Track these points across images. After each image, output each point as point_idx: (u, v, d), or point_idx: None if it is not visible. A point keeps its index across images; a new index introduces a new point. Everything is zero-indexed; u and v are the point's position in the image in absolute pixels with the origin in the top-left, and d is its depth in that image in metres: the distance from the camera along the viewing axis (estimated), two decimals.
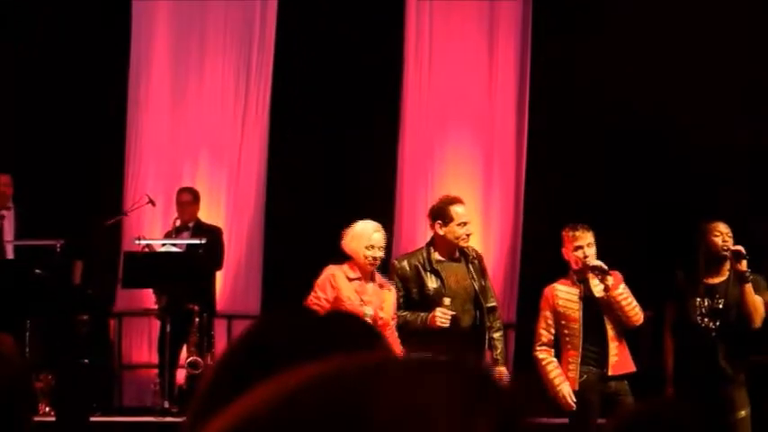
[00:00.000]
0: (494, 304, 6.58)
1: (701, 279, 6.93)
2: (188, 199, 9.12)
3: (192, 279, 8.54)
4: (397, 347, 6.34)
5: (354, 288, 6.29)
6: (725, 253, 6.82)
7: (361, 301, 6.23)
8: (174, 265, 8.45)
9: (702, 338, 6.83)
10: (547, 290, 6.78)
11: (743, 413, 6.78)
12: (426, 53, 10.27)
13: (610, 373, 6.62)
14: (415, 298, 6.42)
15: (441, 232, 6.47)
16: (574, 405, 6.47)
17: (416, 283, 6.42)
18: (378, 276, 6.44)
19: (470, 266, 6.53)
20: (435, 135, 10.19)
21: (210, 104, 10.17)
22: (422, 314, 6.30)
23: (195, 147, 10.10)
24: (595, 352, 6.64)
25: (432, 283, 6.40)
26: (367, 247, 6.28)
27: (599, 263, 6.64)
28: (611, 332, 6.66)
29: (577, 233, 6.68)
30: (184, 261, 8.54)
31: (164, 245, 8.78)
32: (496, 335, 6.53)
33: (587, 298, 6.67)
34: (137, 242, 8.70)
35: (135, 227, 9.45)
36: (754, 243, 7.04)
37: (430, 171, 10.15)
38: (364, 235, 6.32)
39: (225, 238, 9.41)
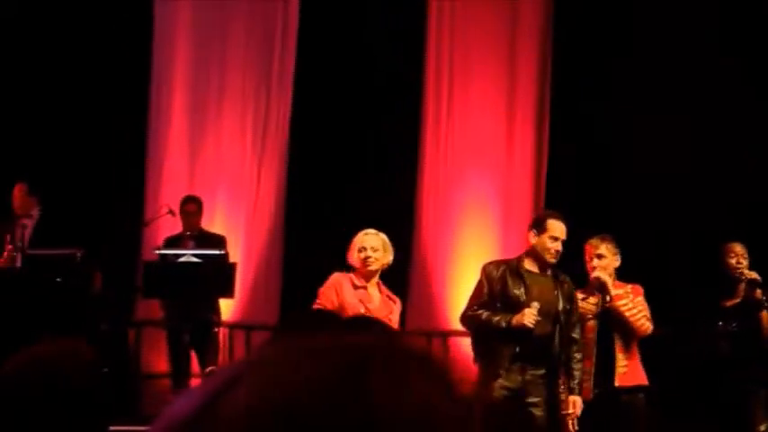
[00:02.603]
0: (576, 336, 6.59)
1: (720, 302, 6.94)
2: (194, 209, 9.15)
3: (212, 289, 8.58)
4: None
5: (360, 296, 6.33)
6: (738, 274, 6.81)
7: (366, 309, 6.26)
8: (195, 276, 8.47)
9: (720, 359, 6.84)
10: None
11: (762, 428, 6.78)
12: (446, 102, 10.37)
13: (617, 384, 6.64)
14: (496, 299, 6.48)
15: (532, 241, 6.57)
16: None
17: (500, 284, 6.49)
18: (384, 288, 6.49)
19: (558, 287, 6.56)
20: (455, 182, 10.25)
21: (231, 124, 10.29)
22: (506, 314, 6.36)
23: (214, 175, 10.21)
24: (605, 363, 6.67)
25: (515, 287, 6.46)
26: (359, 250, 6.38)
27: (600, 275, 6.67)
28: (618, 343, 6.69)
29: (592, 242, 6.77)
30: (205, 271, 8.56)
31: (183, 255, 8.80)
32: (576, 365, 6.55)
33: (604, 308, 6.71)
34: (157, 252, 8.73)
35: (155, 237, 9.49)
36: None
37: (449, 217, 10.19)
38: (356, 239, 6.46)
39: (243, 249, 9.44)
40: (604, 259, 6.73)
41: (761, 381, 6.89)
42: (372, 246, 6.40)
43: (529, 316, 6.30)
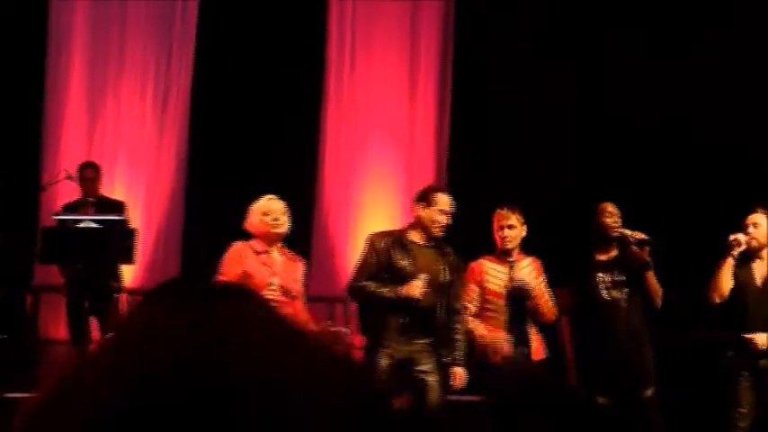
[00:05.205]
0: (460, 306, 6.66)
1: (594, 256, 7.07)
2: (92, 175, 9.08)
3: (112, 255, 8.50)
4: (305, 315, 6.42)
5: (263, 261, 6.34)
6: (614, 233, 6.97)
7: (272, 272, 6.28)
8: (95, 241, 8.39)
9: (612, 309, 6.96)
10: (474, 264, 6.88)
11: (649, 392, 6.94)
12: (347, 71, 10.39)
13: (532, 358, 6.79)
14: (383, 270, 6.51)
15: (420, 213, 6.60)
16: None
17: (386, 256, 6.52)
18: (287, 251, 6.51)
19: (443, 258, 6.61)
20: (357, 151, 10.30)
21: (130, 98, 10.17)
22: (394, 286, 6.39)
23: (114, 141, 10.10)
24: (519, 332, 6.76)
25: (401, 259, 6.49)
26: (264, 213, 6.38)
27: (528, 283, 6.79)
28: (529, 319, 6.82)
29: (502, 212, 6.83)
30: (105, 237, 8.48)
31: (83, 221, 8.71)
32: (460, 336, 6.61)
33: (512, 277, 6.81)
34: (55, 217, 8.62)
35: (54, 202, 9.39)
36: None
37: (351, 185, 10.22)
38: (259, 206, 6.44)
39: (144, 215, 9.37)
40: (515, 229, 6.83)
41: (649, 341, 7.05)
42: (278, 209, 6.43)
43: (417, 288, 6.36)
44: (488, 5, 10.21)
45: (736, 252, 6.82)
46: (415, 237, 6.62)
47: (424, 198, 6.66)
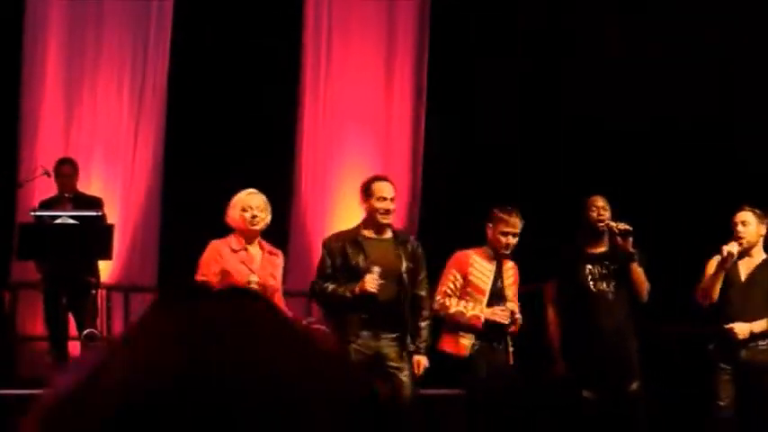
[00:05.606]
0: (424, 293, 6.67)
1: (585, 249, 7.12)
2: (69, 171, 9.06)
3: (89, 251, 8.49)
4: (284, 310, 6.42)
5: (241, 259, 6.36)
6: (600, 225, 7.02)
7: (250, 270, 6.30)
8: (72, 237, 8.38)
9: (598, 301, 7.00)
10: (461, 254, 6.91)
11: (634, 386, 6.98)
12: (324, 61, 10.39)
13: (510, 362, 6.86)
14: (340, 271, 6.53)
15: (365, 206, 6.64)
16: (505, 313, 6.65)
17: (341, 256, 6.54)
18: (266, 244, 6.53)
19: (401, 247, 6.62)
20: (333, 143, 10.32)
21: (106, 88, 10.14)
22: (350, 284, 6.41)
23: (90, 137, 10.07)
24: (497, 329, 6.79)
25: (355, 256, 6.51)
26: (243, 209, 6.39)
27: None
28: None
29: (511, 219, 6.82)
30: (82, 233, 8.47)
31: (60, 217, 8.69)
32: (423, 323, 6.63)
33: (497, 277, 6.85)
34: (32, 214, 8.61)
35: (30, 199, 9.35)
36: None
37: (328, 179, 10.25)
38: (239, 200, 6.46)
39: (120, 211, 9.37)
40: (517, 237, 6.88)
41: (635, 335, 7.09)
42: (257, 205, 6.44)
43: (370, 281, 6.36)
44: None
45: (728, 264, 6.87)
46: (368, 232, 6.64)
47: (363, 191, 6.69)
